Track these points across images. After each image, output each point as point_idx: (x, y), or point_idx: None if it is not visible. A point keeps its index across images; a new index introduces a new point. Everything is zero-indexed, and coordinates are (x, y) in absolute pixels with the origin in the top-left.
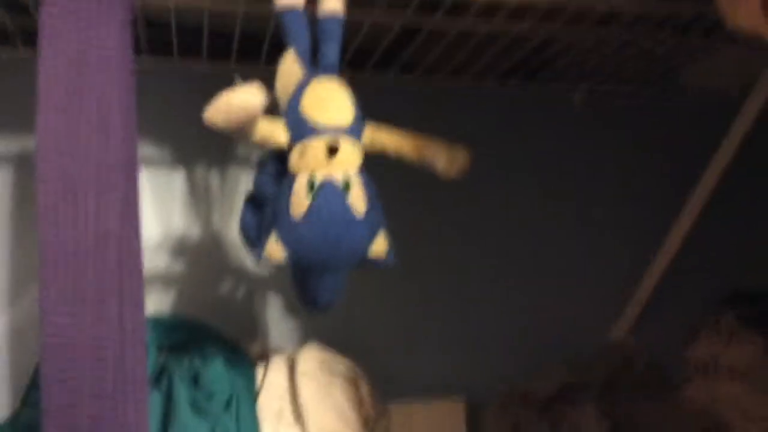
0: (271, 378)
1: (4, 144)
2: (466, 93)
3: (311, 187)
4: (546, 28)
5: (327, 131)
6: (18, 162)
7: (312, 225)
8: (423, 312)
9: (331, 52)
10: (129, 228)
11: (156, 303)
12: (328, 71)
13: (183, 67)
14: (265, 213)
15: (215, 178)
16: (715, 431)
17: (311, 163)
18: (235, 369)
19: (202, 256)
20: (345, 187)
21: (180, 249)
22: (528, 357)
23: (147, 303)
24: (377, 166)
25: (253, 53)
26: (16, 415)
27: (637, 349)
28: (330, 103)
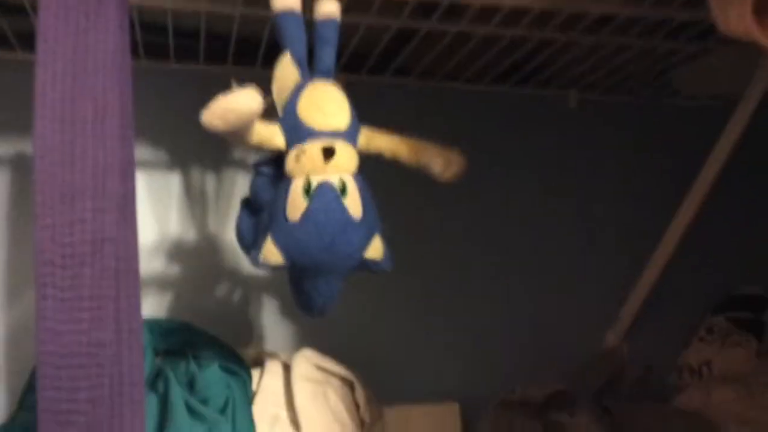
0: (267, 382)
1: (1, 146)
2: (462, 95)
3: (307, 191)
4: (541, 31)
5: (323, 135)
6: (15, 164)
7: (308, 228)
8: (418, 317)
9: (327, 55)
10: (126, 232)
11: (152, 306)
12: (324, 75)
13: (179, 70)
14: (262, 217)
15: (211, 181)
16: None
17: (307, 167)
18: (231, 373)
19: (198, 259)
20: (341, 191)
21: (176, 252)
22: (523, 363)
23: (143, 306)
24: (376, 169)
25: (250, 56)
26: (12, 419)
27: (631, 355)
28: (326, 107)
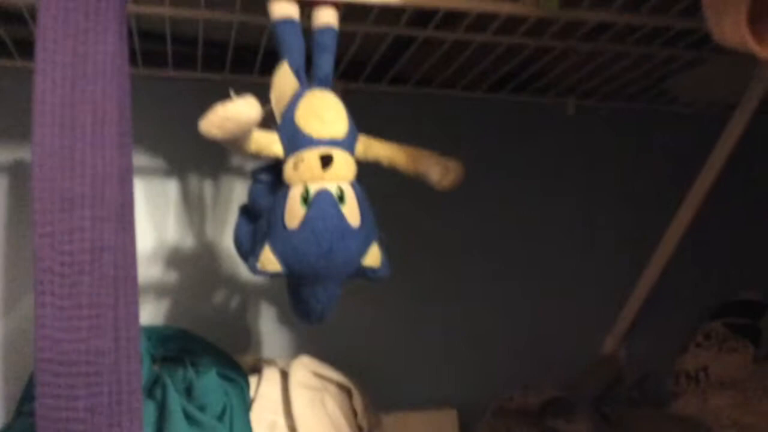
0: (265, 389)
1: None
2: (460, 102)
3: (306, 198)
4: (538, 39)
5: (321, 143)
6: (13, 171)
7: (306, 236)
8: (416, 323)
9: (326, 63)
10: (124, 240)
11: (150, 313)
12: (322, 83)
13: (177, 78)
14: (260, 224)
15: (209, 188)
16: None
17: (306, 175)
18: (229, 380)
19: (195, 266)
20: (339, 199)
21: (174, 259)
22: (521, 369)
23: (140, 313)
24: (373, 177)
25: (247, 64)
26: (9, 426)
27: (628, 362)
28: (324, 115)
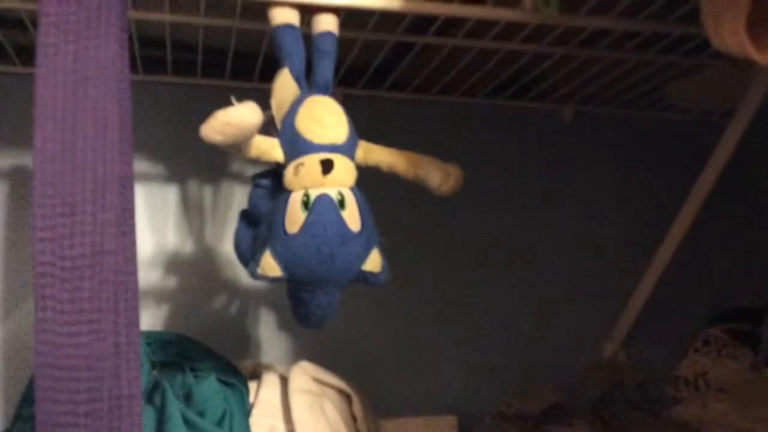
0: (264, 395)
1: None
2: (458, 109)
3: (306, 204)
4: (537, 45)
5: (322, 148)
6: (13, 175)
7: (307, 241)
8: (416, 329)
9: (326, 69)
10: (125, 244)
11: (149, 318)
12: (322, 89)
13: (176, 84)
14: (260, 229)
15: (208, 193)
16: None
17: (306, 180)
18: (228, 385)
19: (195, 271)
20: (340, 204)
21: (173, 265)
22: (522, 375)
23: (140, 318)
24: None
25: (246, 70)
26: (8, 430)
27: (628, 367)
28: (325, 121)
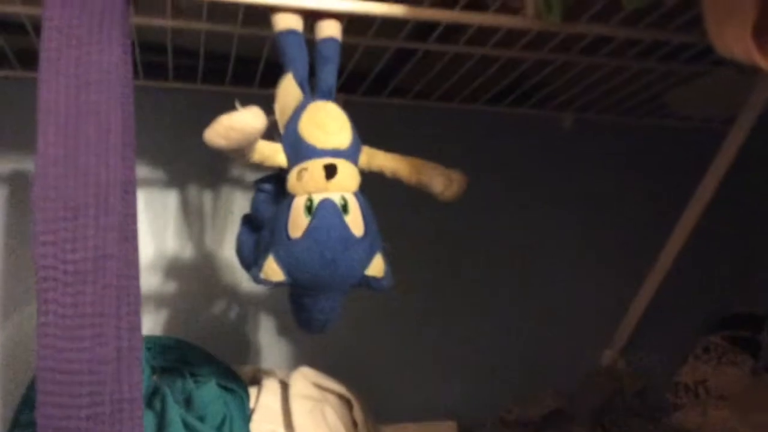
0: (264, 400)
1: None
2: (458, 115)
3: (309, 208)
4: (538, 52)
5: (325, 153)
6: (13, 180)
7: (310, 245)
8: (417, 335)
9: (329, 75)
10: (127, 249)
11: (149, 323)
12: (325, 94)
13: (177, 89)
14: (263, 234)
15: (209, 199)
16: None
17: (309, 185)
18: (229, 390)
19: (195, 277)
20: (343, 209)
21: (173, 270)
22: (520, 381)
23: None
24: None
25: (247, 76)
26: None
27: (627, 375)
28: (328, 126)
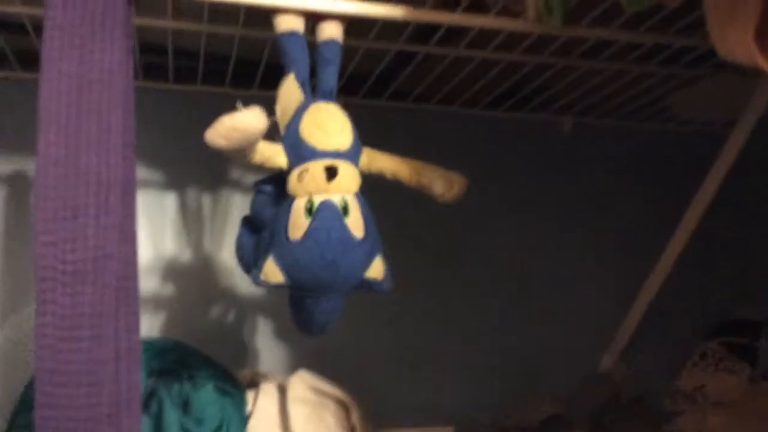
0: (262, 404)
1: None
2: (458, 119)
3: (310, 210)
4: (538, 56)
5: (326, 155)
6: (12, 181)
7: (310, 247)
8: (414, 340)
9: (330, 76)
10: (126, 250)
11: (146, 326)
12: (326, 95)
13: (177, 91)
14: (263, 236)
15: (207, 201)
16: None
17: (310, 186)
18: (226, 394)
19: (193, 279)
20: (343, 210)
21: (171, 272)
22: (517, 387)
23: None
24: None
25: (247, 78)
26: None
27: (625, 379)
28: (329, 127)
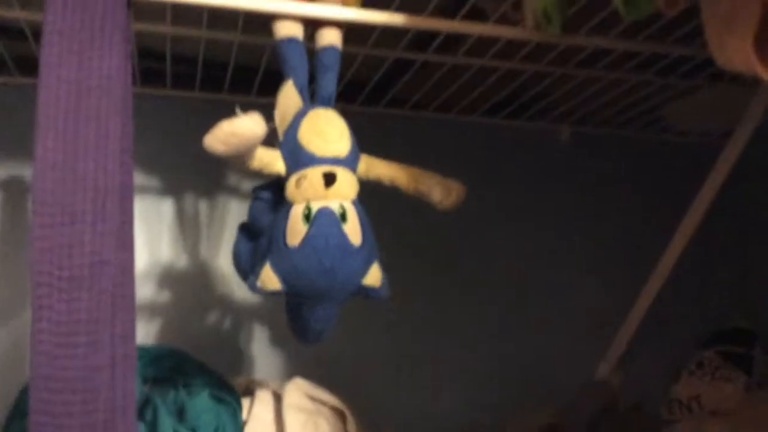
0: (257, 411)
1: None
2: (455, 127)
3: (308, 216)
4: (536, 64)
5: (324, 161)
6: (8, 187)
7: (308, 254)
8: (411, 348)
9: (329, 83)
10: (123, 256)
11: (142, 333)
12: (325, 102)
13: (174, 97)
14: (260, 242)
15: (204, 207)
16: None
17: (308, 193)
18: (221, 402)
19: (189, 286)
20: (341, 217)
21: (167, 278)
22: (515, 394)
23: None
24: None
25: (245, 84)
26: None
27: (623, 387)
28: (327, 134)
